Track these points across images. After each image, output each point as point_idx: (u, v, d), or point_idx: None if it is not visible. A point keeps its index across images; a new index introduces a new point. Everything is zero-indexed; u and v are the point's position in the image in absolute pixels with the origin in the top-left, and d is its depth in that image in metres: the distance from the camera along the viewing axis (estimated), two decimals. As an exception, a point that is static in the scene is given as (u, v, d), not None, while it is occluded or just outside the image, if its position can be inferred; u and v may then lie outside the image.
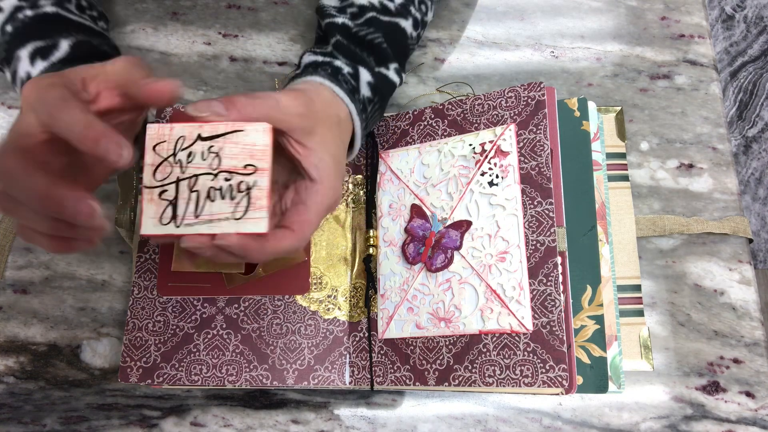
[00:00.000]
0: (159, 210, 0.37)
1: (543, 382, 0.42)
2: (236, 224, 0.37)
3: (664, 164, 0.57)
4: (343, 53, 0.47)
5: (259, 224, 0.37)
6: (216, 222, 0.37)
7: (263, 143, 0.37)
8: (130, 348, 0.49)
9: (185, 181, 0.37)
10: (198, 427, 0.51)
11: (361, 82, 0.46)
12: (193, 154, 0.37)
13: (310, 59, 0.47)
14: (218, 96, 0.60)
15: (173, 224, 0.37)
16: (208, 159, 0.37)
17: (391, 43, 0.48)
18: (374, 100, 0.47)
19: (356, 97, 0.45)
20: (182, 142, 0.37)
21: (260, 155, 0.37)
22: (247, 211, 0.37)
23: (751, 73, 1.49)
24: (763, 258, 1.39)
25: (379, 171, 0.53)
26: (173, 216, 0.37)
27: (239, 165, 0.37)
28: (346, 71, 0.46)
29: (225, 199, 0.37)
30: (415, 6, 0.51)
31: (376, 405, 0.51)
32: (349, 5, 0.49)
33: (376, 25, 0.48)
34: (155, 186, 0.37)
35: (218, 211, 0.37)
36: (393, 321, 0.49)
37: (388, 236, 0.51)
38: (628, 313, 0.51)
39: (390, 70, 0.49)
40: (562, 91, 0.59)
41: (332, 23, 0.48)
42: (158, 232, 0.37)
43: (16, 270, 0.55)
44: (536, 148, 0.47)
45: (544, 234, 0.45)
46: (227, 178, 0.37)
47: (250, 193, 0.37)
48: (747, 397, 0.50)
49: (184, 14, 0.63)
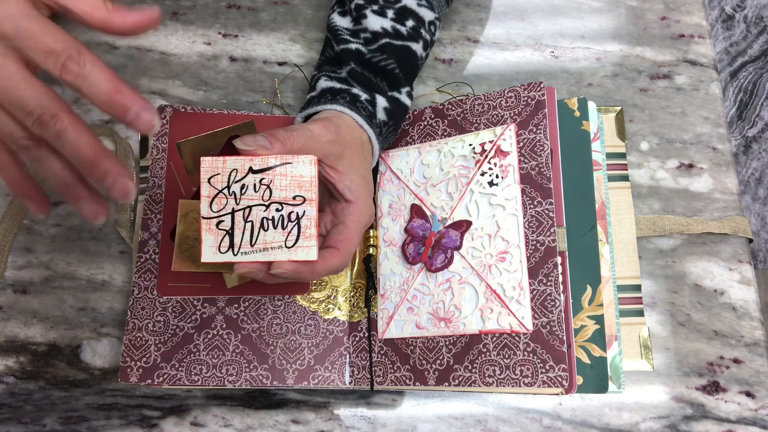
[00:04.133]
0: (217, 239, 0.40)
1: (543, 382, 0.42)
2: (289, 252, 0.40)
3: (664, 164, 0.57)
4: (358, 81, 0.49)
5: (310, 252, 0.40)
6: (270, 250, 0.40)
7: (310, 174, 0.40)
8: (130, 348, 0.49)
9: (240, 212, 0.40)
10: (198, 427, 0.51)
11: (378, 108, 0.48)
12: (246, 186, 0.40)
13: (328, 85, 0.49)
14: (218, 96, 0.60)
15: (231, 252, 0.40)
16: (260, 191, 0.40)
17: (403, 68, 0.50)
18: (389, 123, 0.49)
19: (374, 122, 0.47)
20: (235, 174, 0.40)
21: (307, 186, 0.40)
22: (298, 239, 0.40)
23: (751, 73, 1.49)
24: (763, 258, 1.39)
25: (379, 171, 0.53)
26: (230, 245, 0.40)
27: (289, 196, 0.40)
28: (363, 98, 0.48)
29: (277, 228, 0.40)
30: (425, 28, 0.52)
31: (376, 405, 0.51)
32: (363, 30, 0.50)
33: (389, 51, 0.49)
34: (212, 217, 0.40)
35: (271, 240, 0.40)
36: (393, 321, 0.49)
37: (388, 236, 0.51)
38: (628, 313, 0.51)
39: (402, 94, 0.50)
40: (562, 91, 0.59)
41: (347, 49, 0.50)
42: (218, 260, 0.40)
43: (16, 270, 0.55)
44: (536, 148, 0.47)
45: (544, 234, 0.45)
46: (278, 209, 0.40)
47: (300, 223, 0.40)
48: (747, 397, 0.50)
49: (184, 14, 0.63)
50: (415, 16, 0.51)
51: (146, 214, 0.53)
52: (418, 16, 0.51)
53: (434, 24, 0.53)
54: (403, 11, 0.51)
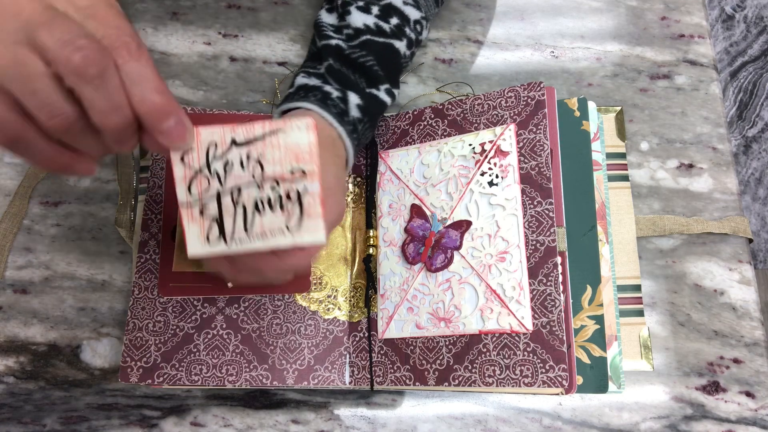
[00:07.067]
0: (203, 228, 0.34)
1: (543, 382, 0.42)
2: (293, 236, 0.34)
3: (664, 164, 0.57)
4: (334, 77, 0.49)
5: (318, 233, 0.34)
6: (270, 236, 0.34)
7: (308, 142, 0.33)
8: (130, 348, 0.49)
9: (228, 195, 0.34)
10: (198, 427, 0.51)
11: (350, 105, 0.48)
12: (231, 163, 0.33)
13: (303, 82, 0.49)
14: (218, 96, 0.60)
15: (222, 242, 0.34)
16: (249, 167, 0.33)
17: (383, 65, 0.50)
18: (364, 120, 0.49)
19: (345, 120, 0.47)
20: (214, 149, 0.33)
21: (306, 157, 0.33)
22: (302, 220, 0.34)
23: (751, 73, 1.49)
24: (763, 258, 1.39)
25: (378, 171, 0.53)
26: (221, 233, 0.34)
27: (285, 171, 0.33)
28: (335, 96, 0.47)
29: (275, 210, 0.34)
30: (410, 27, 0.52)
31: (376, 405, 0.51)
32: (346, 26, 0.51)
33: (369, 47, 0.50)
34: (193, 203, 0.34)
35: (270, 224, 0.34)
36: (393, 321, 0.49)
37: (388, 236, 0.51)
38: (628, 313, 0.51)
39: (380, 91, 0.50)
40: (562, 91, 0.59)
41: (327, 45, 0.50)
42: (208, 251, 0.34)
43: (16, 270, 0.55)
44: (536, 147, 0.47)
45: (544, 234, 0.45)
46: (274, 187, 0.34)
47: (302, 200, 0.34)
48: (747, 397, 0.50)
49: (184, 14, 0.63)
50: (400, 14, 0.51)
51: (146, 214, 0.53)
52: (403, 14, 0.52)
53: (420, 23, 0.53)
54: (387, 8, 0.51)
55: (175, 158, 0.33)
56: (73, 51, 0.27)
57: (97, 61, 0.27)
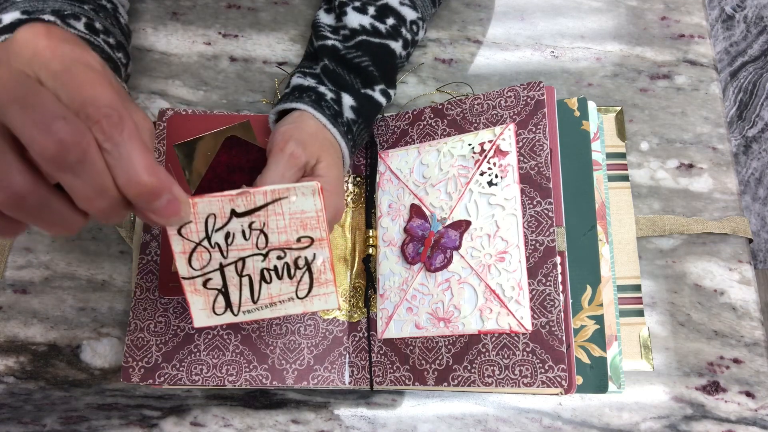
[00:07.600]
0: (209, 300, 0.32)
1: (542, 382, 0.42)
2: (303, 303, 0.33)
3: (664, 164, 0.57)
4: (329, 78, 0.49)
5: (329, 300, 0.33)
6: (279, 304, 0.33)
7: (314, 209, 0.31)
8: (132, 348, 0.49)
9: (231, 266, 0.32)
10: (198, 427, 0.51)
11: (344, 106, 0.48)
12: (232, 235, 0.31)
13: (298, 82, 0.49)
14: (218, 96, 0.60)
15: (230, 312, 0.33)
16: (252, 238, 0.31)
17: (378, 66, 0.50)
18: (358, 121, 0.49)
19: (339, 121, 0.47)
20: (214, 221, 0.31)
21: (314, 224, 0.32)
22: (311, 288, 0.33)
23: (751, 73, 1.49)
24: (763, 258, 1.39)
25: (378, 171, 0.54)
26: (227, 305, 0.33)
27: (291, 239, 0.32)
28: (329, 97, 0.48)
29: (283, 278, 0.32)
30: (406, 27, 0.52)
31: (376, 405, 0.51)
32: (342, 27, 0.51)
33: (365, 48, 0.50)
34: (196, 276, 0.32)
35: (278, 292, 0.33)
36: (392, 321, 0.49)
37: (388, 236, 0.51)
38: (628, 313, 0.51)
39: (375, 92, 0.50)
40: (562, 91, 0.59)
41: (323, 45, 0.50)
42: (215, 322, 0.33)
43: (16, 270, 0.55)
44: (535, 147, 0.47)
45: (544, 234, 0.45)
46: (280, 257, 0.32)
47: (311, 268, 0.32)
48: (747, 397, 0.50)
49: (184, 14, 0.63)
50: (397, 15, 0.52)
51: (146, 214, 0.53)
52: (399, 15, 0.52)
53: (416, 24, 0.53)
54: (384, 9, 0.51)
55: (171, 232, 0.31)
56: (48, 137, 0.23)
57: (75, 146, 0.24)
